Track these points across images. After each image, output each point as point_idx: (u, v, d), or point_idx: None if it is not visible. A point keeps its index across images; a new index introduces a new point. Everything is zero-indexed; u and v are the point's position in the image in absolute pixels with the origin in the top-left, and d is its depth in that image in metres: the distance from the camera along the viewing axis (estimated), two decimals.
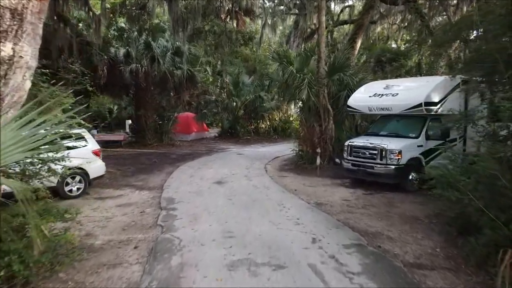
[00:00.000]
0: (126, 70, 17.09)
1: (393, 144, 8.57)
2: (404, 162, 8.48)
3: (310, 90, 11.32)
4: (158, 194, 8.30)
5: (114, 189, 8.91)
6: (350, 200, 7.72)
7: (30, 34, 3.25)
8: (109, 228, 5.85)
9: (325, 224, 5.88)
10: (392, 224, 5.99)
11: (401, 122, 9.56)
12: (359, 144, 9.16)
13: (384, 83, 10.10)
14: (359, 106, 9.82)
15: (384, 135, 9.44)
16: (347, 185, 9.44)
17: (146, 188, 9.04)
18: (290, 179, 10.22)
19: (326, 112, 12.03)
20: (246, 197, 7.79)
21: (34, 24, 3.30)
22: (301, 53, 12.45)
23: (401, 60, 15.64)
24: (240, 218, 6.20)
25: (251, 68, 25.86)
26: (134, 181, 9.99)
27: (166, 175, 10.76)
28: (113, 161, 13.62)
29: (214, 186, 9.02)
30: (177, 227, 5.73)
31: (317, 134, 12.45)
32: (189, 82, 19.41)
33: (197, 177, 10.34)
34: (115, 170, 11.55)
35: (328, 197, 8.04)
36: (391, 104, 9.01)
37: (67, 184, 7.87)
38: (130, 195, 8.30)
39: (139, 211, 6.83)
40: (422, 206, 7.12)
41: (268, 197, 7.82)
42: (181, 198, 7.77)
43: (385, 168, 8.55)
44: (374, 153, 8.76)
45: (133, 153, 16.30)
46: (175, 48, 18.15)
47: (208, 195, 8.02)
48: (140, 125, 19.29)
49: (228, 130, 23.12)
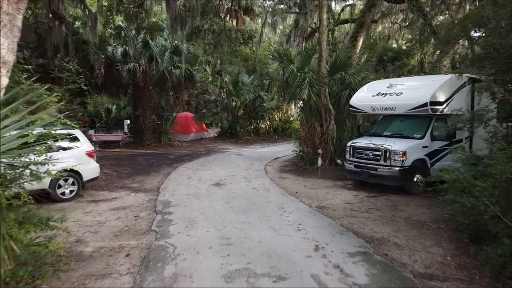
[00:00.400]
0: (124, 69, 16.83)
1: (397, 145, 8.28)
2: (409, 163, 8.19)
3: (311, 89, 11.03)
4: (154, 196, 8.01)
5: (109, 192, 8.62)
6: (353, 203, 7.43)
7: (6, 26, 2.95)
8: (101, 233, 5.56)
9: (328, 230, 5.59)
10: (398, 229, 5.70)
11: (405, 122, 9.27)
12: (362, 145, 8.88)
13: (387, 82, 9.81)
14: (361, 106, 9.52)
15: (387, 135, 9.15)
16: (349, 187, 9.15)
17: (142, 190, 8.75)
18: (291, 181, 9.93)
19: (327, 112, 11.74)
20: (245, 200, 7.49)
21: (12, 15, 3.00)
22: (302, 51, 12.16)
23: (404, 59, 15.34)
24: (238, 223, 5.91)
25: (251, 67, 25.56)
26: (130, 183, 9.70)
27: (163, 177, 10.47)
28: (110, 161, 13.35)
29: (212, 189, 8.73)
30: (172, 233, 5.44)
31: (318, 134, 12.17)
32: (188, 82, 19.16)
33: (195, 179, 10.05)
34: (112, 171, 11.26)
35: (330, 200, 7.75)
36: (395, 103, 8.72)
37: (59, 187, 7.58)
38: (125, 197, 8.01)
39: (134, 215, 6.53)
40: (429, 210, 6.83)
41: (268, 200, 7.53)
42: (177, 201, 7.47)
43: (389, 170, 8.26)
44: (378, 154, 8.47)
45: (130, 154, 16.01)
46: (174, 47, 17.87)
47: (205, 198, 7.73)
48: (138, 125, 18.98)
49: (228, 131, 22.82)
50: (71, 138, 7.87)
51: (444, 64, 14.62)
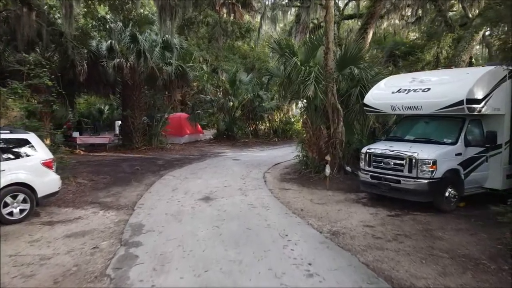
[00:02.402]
0: (109, 65, 15.30)
1: (425, 153, 6.75)
2: (440, 175, 6.68)
3: (317, 86, 9.51)
4: (126, 216, 6.47)
5: (74, 209, 7.08)
6: (374, 227, 5.90)
7: None
8: (36, 279, 4.03)
9: (351, 275, 4.05)
10: (445, 271, 4.17)
11: (431, 125, 7.76)
12: (381, 151, 7.35)
13: (410, 76, 8.29)
14: (379, 105, 7.99)
15: (411, 140, 7.63)
16: (364, 201, 7.64)
17: (115, 207, 7.21)
18: (294, 193, 8.41)
19: (335, 112, 10.22)
20: (239, 223, 5.95)
21: None
22: (306, 42, 10.62)
23: (418, 54, 13.81)
24: (227, 262, 4.36)
25: (249, 65, 24.06)
26: (103, 196, 8.16)
27: (144, 188, 8.94)
28: (89, 168, 11.83)
29: (199, 205, 7.19)
30: (132, 280, 3.90)
31: (324, 137, 10.65)
32: (180, 80, 17.61)
33: (181, 191, 8.52)
34: (87, 181, 9.73)
35: (344, 221, 6.22)
36: (421, 102, 7.18)
37: (5, 205, 6.03)
38: (91, 218, 6.47)
39: (92, 247, 5.00)
40: (474, 237, 5.33)
41: (267, 223, 5.99)
42: (152, 224, 5.93)
43: (415, 182, 6.73)
44: (401, 164, 6.95)
45: (116, 158, 14.46)
46: (165, 41, 16.33)
47: (188, 220, 6.19)
48: (127, 126, 17.43)
49: (224, 132, 21.25)
50: (21, 144, 6.35)
51: (463, 59, 13.10)
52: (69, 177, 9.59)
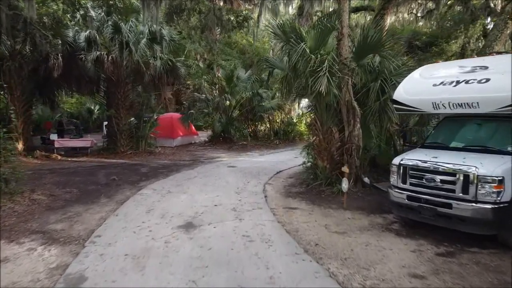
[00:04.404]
0: (88, 59, 13.42)
1: (487, 167, 4.87)
2: (509, 198, 4.80)
3: (330, 79, 7.63)
4: (69, 258, 4.57)
5: (6, 242, 5.18)
6: (425, 277, 4.03)
7: None
8: None
9: None
10: None
11: (487, 127, 5.87)
12: (421, 164, 5.46)
13: (455, 64, 6.40)
14: (415, 102, 6.06)
15: (459, 148, 5.76)
16: (396, 229, 5.77)
17: (62, 239, 5.31)
18: (304, 215, 6.53)
19: (350, 112, 8.38)
20: (227, 278, 4.04)
21: None
22: (316, 25, 8.71)
23: (443, 44, 11.93)
24: None
25: (248, 61, 22.18)
26: (56, 220, 6.27)
27: (113, 207, 7.05)
28: (56, 178, 9.95)
29: (176, 238, 5.29)
30: None
31: (337, 142, 8.79)
32: (170, 76, 15.73)
33: (158, 212, 6.62)
34: (45, 196, 7.85)
35: (379, 266, 4.34)
36: (478, 97, 5.26)
37: None
38: (21, 259, 4.58)
39: None
40: None
41: (269, 274, 4.09)
42: (99, 277, 4.03)
43: (473, 207, 4.86)
44: (452, 181, 5.07)
45: (95, 165, 12.59)
46: (152, 32, 14.46)
47: (155, 268, 4.28)
48: (112, 128, 15.54)
49: (221, 134, 19.33)
50: None
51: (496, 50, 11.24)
52: (23, 191, 7.78)
